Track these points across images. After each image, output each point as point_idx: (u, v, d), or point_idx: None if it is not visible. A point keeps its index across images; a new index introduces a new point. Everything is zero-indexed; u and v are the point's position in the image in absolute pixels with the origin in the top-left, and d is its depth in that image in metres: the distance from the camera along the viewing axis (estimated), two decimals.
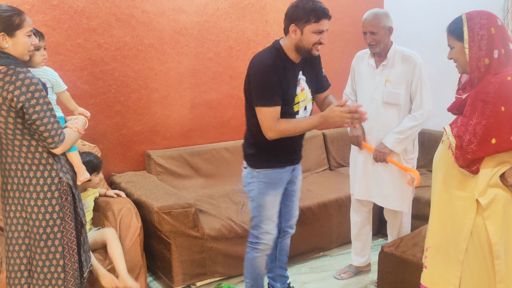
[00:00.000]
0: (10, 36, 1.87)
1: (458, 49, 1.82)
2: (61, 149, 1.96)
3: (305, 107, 2.31)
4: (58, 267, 2.02)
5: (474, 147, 1.69)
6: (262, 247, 2.41)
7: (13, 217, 2.00)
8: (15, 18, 1.87)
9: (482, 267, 1.77)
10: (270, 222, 2.38)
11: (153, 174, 3.37)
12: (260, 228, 2.39)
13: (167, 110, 3.53)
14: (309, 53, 2.19)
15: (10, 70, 1.84)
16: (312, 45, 2.16)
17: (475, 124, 1.70)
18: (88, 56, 3.15)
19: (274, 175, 2.35)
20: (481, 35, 1.72)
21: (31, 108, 1.85)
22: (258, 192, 2.35)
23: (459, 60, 1.84)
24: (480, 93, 1.70)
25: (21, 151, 1.93)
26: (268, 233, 2.40)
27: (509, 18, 3.55)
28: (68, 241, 2.03)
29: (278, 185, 2.38)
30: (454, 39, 1.83)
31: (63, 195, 2.01)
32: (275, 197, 2.38)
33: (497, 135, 1.64)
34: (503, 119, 1.64)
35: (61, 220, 2.00)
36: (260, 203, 2.36)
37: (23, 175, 1.95)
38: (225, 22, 3.68)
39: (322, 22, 2.12)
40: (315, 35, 2.13)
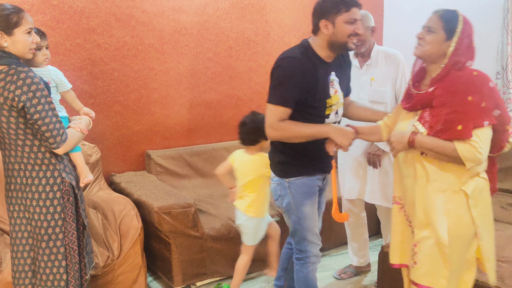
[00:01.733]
0: (8, 35, 1.85)
1: (438, 38, 1.82)
2: (63, 149, 1.95)
3: (337, 111, 2.17)
4: (61, 268, 2.01)
5: (442, 133, 1.77)
6: (312, 259, 2.28)
7: (17, 217, 2.00)
8: (13, 16, 1.84)
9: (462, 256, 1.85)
10: (313, 232, 2.25)
11: (153, 174, 3.37)
12: (306, 240, 2.25)
13: (167, 110, 3.52)
14: (346, 46, 2.04)
15: (12, 69, 1.83)
16: (347, 36, 2.01)
17: (446, 114, 1.77)
18: (88, 56, 3.14)
19: (307, 183, 2.20)
20: (466, 43, 1.84)
21: (32, 108, 1.83)
22: (296, 205, 2.20)
23: (432, 47, 1.83)
24: (450, 85, 1.79)
25: (24, 151, 1.92)
26: (314, 243, 2.26)
27: (509, 18, 3.55)
28: (69, 242, 2.03)
29: (313, 193, 2.23)
30: (441, 27, 1.82)
31: (65, 196, 2.00)
32: (313, 206, 2.23)
33: (463, 122, 1.73)
34: (469, 108, 1.73)
35: (63, 221, 2.00)
36: (300, 216, 2.21)
37: (26, 175, 1.94)
38: (225, 22, 3.68)
39: (354, 10, 1.99)
40: (349, 25, 2.00)
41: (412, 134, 1.82)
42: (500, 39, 3.61)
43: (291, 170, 2.19)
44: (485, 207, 1.87)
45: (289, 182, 2.19)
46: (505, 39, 3.57)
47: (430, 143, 1.78)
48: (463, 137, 1.73)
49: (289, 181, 2.19)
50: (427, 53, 1.84)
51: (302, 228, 2.23)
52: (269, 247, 2.81)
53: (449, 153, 1.75)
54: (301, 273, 2.30)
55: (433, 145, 1.77)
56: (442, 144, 1.75)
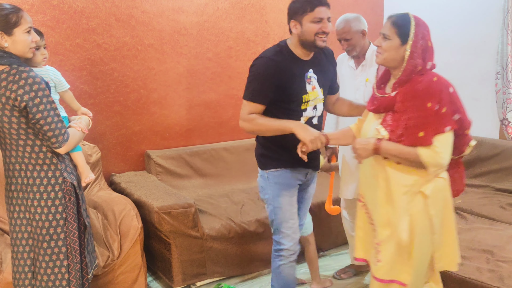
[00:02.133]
0: (8, 35, 1.84)
1: (393, 44, 1.85)
2: (65, 149, 1.95)
3: (315, 106, 2.25)
4: (62, 268, 2.01)
5: (404, 139, 1.81)
6: (285, 253, 2.33)
7: (17, 217, 1.99)
8: (12, 16, 1.84)
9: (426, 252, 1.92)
10: (289, 225, 2.31)
11: (153, 174, 3.37)
12: (280, 232, 2.32)
13: (166, 110, 3.52)
14: (314, 44, 2.13)
15: (13, 69, 1.82)
16: (313, 35, 2.11)
17: (406, 119, 1.81)
18: (87, 56, 3.14)
19: (285, 175, 2.29)
20: (421, 44, 1.84)
21: (34, 108, 1.83)
22: (272, 195, 2.30)
23: (390, 54, 1.86)
24: (410, 91, 1.82)
25: (25, 151, 1.92)
26: (288, 236, 2.32)
27: (509, 18, 3.54)
28: (71, 241, 2.02)
29: (291, 186, 2.31)
30: (395, 33, 1.85)
31: (67, 195, 2.00)
32: (290, 198, 2.31)
33: (424, 129, 1.78)
34: (429, 114, 1.77)
35: (64, 221, 1.99)
36: (276, 205, 2.30)
37: (27, 175, 1.94)
38: (224, 22, 3.68)
39: (318, 10, 2.08)
40: (314, 24, 2.09)
41: (377, 141, 1.86)
42: (500, 39, 3.61)
43: (270, 162, 2.30)
44: (444, 205, 1.93)
45: (268, 173, 2.30)
46: (505, 39, 3.57)
47: (394, 149, 1.83)
48: (424, 144, 1.78)
49: (268, 172, 2.30)
50: (387, 60, 1.89)
51: (277, 219, 2.31)
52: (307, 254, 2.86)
53: (412, 159, 1.81)
54: (275, 264, 2.38)
55: (397, 151, 1.83)
56: (406, 150, 1.81)
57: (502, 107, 3.65)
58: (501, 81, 3.63)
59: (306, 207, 2.53)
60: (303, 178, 2.36)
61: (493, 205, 3.14)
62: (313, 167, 2.38)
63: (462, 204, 3.16)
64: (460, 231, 2.71)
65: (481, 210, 3.04)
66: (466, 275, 2.20)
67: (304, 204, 2.50)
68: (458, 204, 3.20)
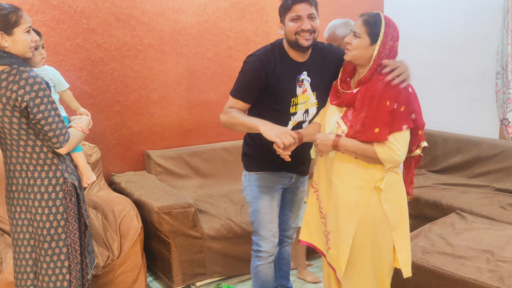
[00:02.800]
0: (8, 35, 1.84)
1: (363, 43, 1.87)
2: (66, 149, 1.94)
3: (307, 110, 2.16)
4: (63, 268, 2.00)
5: (360, 135, 1.86)
6: (263, 254, 2.33)
7: (19, 218, 1.99)
8: (12, 15, 1.83)
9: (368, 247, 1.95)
10: (268, 228, 2.29)
11: (153, 174, 3.37)
12: (259, 234, 2.32)
13: (166, 110, 3.52)
14: (298, 43, 2.05)
15: (14, 69, 1.82)
16: (293, 34, 2.04)
17: (364, 116, 1.85)
18: (88, 56, 3.14)
19: (266, 178, 2.26)
20: (389, 45, 1.87)
21: (35, 108, 1.83)
22: (252, 196, 2.29)
23: (358, 52, 1.88)
24: (370, 89, 1.86)
25: (26, 152, 1.92)
26: (267, 239, 2.31)
27: (509, 18, 3.54)
28: (71, 242, 2.02)
29: (272, 189, 2.27)
30: (365, 32, 1.86)
31: (67, 196, 1.99)
32: (270, 202, 2.28)
33: (379, 126, 1.82)
34: (386, 112, 1.81)
35: (65, 221, 1.99)
36: (255, 208, 2.29)
37: (28, 175, 1.93)
38: (224, 22, 3.68)
39: (295, 8, 2.02)
40: (293, 23, 2.03)
41: (336, 137, 1.90)
42: (500, 39, 3.61)
43: (253, 163, 2.29)
44: (398, 200, 1.96)
45: (250, 175, 2.29)
46: (505, 39, 3.57)
47: (352, 145, 1.87)
48: (379, 140, 1.83)
49: (250, 174, 2.29)
50: (355, 57, 1.90)
51: (256, 221, 2.30)
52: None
53: (369, 155, 1.86)
54: (252, 263, 2.38)
55: (355, 147, 1.87)
56: (363, 147, 1.86)
57: (502, 107, 3.65)
58: (501, 81, 3.63)
59: (297, 210, 2.47)
60: (287, 182, 2.32)
61: (493, 205, 3.14)
62: (298, 172, 2.33)
63: (462, 204, 3.16)
64: (460, 231, 2.71)
65: (481, 210, 3.04)
66: (466, 275, 2.20)
67: (295, 207, 2.45)
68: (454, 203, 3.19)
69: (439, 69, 4.15)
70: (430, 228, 2.75)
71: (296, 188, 2.40)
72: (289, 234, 2.51)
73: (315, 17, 2.05)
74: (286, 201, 2.41)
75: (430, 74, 4.19)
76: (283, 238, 2.49)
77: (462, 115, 4.02)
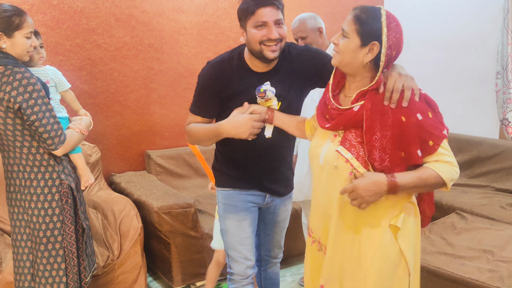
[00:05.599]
0: (8, 37, 1.83)
1: (352, 46, 1.46)
2: (61, 151, 1.92)
3: None
4: (60, 271, 1.99)
5: (388, 164, 1.45)
6: (235, 277, 2.04)
7: (17, 219, 1.98)
8: (15, 18, 1.82)
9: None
10: (237, 250, 2.00)
11: (153, 174, 3.37)
12: (228, 255, 2.04)
13: (166, 110, 3.52)
14: (262, 55, 1.72)
15: (8, 70, 1.80)
16: (258, 44, 1.71)
17: (380, 137, 1.44)
18: (88, 56, 3.14)
19: (234, 197, 1.98)
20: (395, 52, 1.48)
21: (29, 109, 1.80)
22: (220, 215, 2.03)
23: (346, 57, 1.48)
24: (377, 105, 1.46)
25: (22, 153, 1.90)
26: (237, 262, 2.01)
27: (509, 18, 3.54)
28: (68, 244, 2.00)
29: (240, 209, 1.97)
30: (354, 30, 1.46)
31: (64, 198, 1.97)
32: (238, 222, 1.98)
33: (404, 148, 1.45)
34: (405, 129, 1.43)
35: (61, 223, 1.97)
36: (223, 227, 2.02)
37: (25, 176, 1.92)
38: (224, 22, 3.68)
39: (260, 12, 1.68)
40: (257, 30, 1.70)
41: (391, 179, 1.43)
42: (500, 39, 3.61)
43: (221, 179, 2.02)
44: (412, 235, 1.57)
45: (217, 190, 2.05)
46: (505, 39, 3.57)
47: (412, 181, 1.44)
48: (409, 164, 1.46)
49: (217, 189, 2.05)
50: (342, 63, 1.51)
51: (225, 242, 2.04)
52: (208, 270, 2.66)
53: (432, 182, 1.46)
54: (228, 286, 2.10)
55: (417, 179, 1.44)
56: (423, 175, 1.45)
57: (502, 107, 3.65)
58: (501, 81, 3.63)
59: (280, 231, 2.17)
60: (260, 202, 2.01)
61: (493, 205, 3.14)
62: (271, 192, 2.00)
63: (462, 204, 3.16)
64: (460, 231, 2.71)
65: (481, 210, 3.04)
66: (466, 275, 2.20)
67: (277, 228, 2.15)
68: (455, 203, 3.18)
69: (439, 69, 4.15)
70: (430, 228, 2.75)
71: (275, 208, 2.08)
72: (273, 254, 2.22)
73: (283, 23, 1.74)
74: (267, 221, 2.13)
75: (430, 74, 4.19)
76: (268, 258, 2.24)
77: (462, 115, 4.02)
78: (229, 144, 1.90)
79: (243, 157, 1.93)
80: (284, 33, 1.74)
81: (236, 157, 1.94)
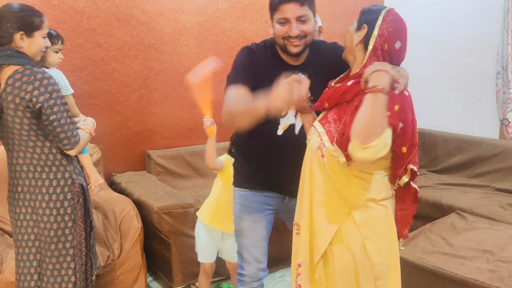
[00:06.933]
0: (28, 36, 1.85)
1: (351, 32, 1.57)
2: (76, 151, 1.95)
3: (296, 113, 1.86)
4: (69, 270, 2.00)
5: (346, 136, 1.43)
6: (245, 279, 2.05)
7: (24, 219, 1.97)
8: (35, 18, 1.86)
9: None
10: (249, 252, 2.01)
11: (153, 174, 3.37)
12: (241, 256, 2.05)
13: (167, 110, 3.53)
14: (286, 50, 1.75)
15: (27, 70, 1.82)
16: (281, 39, 1.73)
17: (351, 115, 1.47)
18: (88, 56, 3.15)
19: (250, 198, 1.99)
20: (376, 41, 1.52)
21: (49, 109, 1.82)
22: (235, 215, 2.05)
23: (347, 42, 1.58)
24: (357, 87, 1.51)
25: (35, 152, 1.91)
26: (249, 263, 2.02)
27: (509, 18, 3.54)
28: (77, 243, 2.02)
29: (255, 211, 1.99)
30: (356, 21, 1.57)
31: (75, 197, 1.99)
32: (253, 224, 1.99)
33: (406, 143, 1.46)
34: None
35: (73, 222, 1.99)
36: (237, 228, 2.04)
37: (35, 176, 1.92)
38: (225, 22, 3.68)
39: (282, 8, 1.69)
40: (280, 26, 1.72)
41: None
42: (500, 39, 3.61)
43: (239, 179, 2.04)
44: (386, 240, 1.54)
45: (234, 190, 2.06)
46: (505, 39, 3.57)
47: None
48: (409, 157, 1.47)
49: (235, 190, 2.05)
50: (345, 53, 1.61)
51: (239, 243, 2.06)
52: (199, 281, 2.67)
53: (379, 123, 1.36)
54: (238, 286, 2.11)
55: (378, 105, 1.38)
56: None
57: (502, 107, 3.65)
58: (501, 81, 3.63)
59: None
60: (277, 204, 2.02)
61: (493, 205, 3.14)
62: (288, 193, 1.95)
63: (462, 204, 3.16)
64: (460, 231, 2.71)
65: (481, 210, 3.04)
66: (466, 275, 2.20)
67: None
68: None
69: (439, 69, 4.15)
70: (430, 228, 2.75)
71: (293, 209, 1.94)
72: None
73: (307, 19, 1.72)
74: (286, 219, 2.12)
75: (430, 74, 4.19)
76: None
77: (462, 115, 4.02)
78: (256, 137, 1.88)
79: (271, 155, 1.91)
80: (307, 29, 1.72)
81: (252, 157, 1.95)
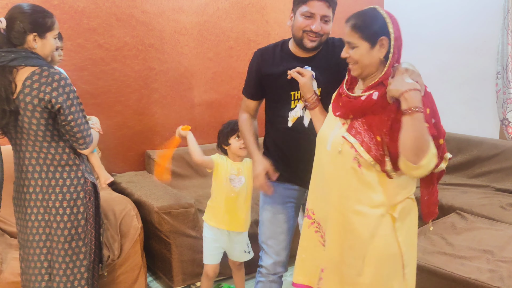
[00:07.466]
0: (41, 37, 1.87)
1: (363, 51, 1.55)
2: (89, 150, 1.97)
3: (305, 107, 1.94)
4: (82, 267, 2.01)
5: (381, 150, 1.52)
6: (262, 270, 2.12)
7: (35, 220, 1.95)
8: (48, 19, 1.88)
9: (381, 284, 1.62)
10: (268, 243, 2.08)
11: (153, 174, 3.37)
12: (261, 247, 2.13)
13: (167, 110, 3.53)
14: (302, 42, 1.85)
15: (44, 71, 1.82)
16: (301, 31, 1.83)
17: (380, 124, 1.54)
18: (89, 56, 3.15)
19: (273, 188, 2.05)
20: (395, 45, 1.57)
21: (67, 109, 1.84)
22: (260, 206, 2.15)
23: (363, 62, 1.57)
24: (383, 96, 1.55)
25: (48, 153, 1.91)
26: (267, 254, 2.09)
27: (509, 18, 3.55)
28: (89, 241, 2.04)
29: (277, 203, 2.06)
30: (359, 38, 1.55)
31: (88, 195, 2.00)
32: (274, 215, 2.07)
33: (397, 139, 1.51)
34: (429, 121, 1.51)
35: (85, 221, 2.00)
36: (260, 218, 2.14)
37: (48, 176, 1.92)
38: (225, 22, 3.68)
39: (311, 3, 1.79)
40: (304, 18, 1.82)
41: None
42: (500, 39, 3.61)
43: None
44: (411, 230, 1.66)
45: None
46: (505, 39, 3.57)
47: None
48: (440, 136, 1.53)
49: None
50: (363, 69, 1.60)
51: (260, 232, 2.15)
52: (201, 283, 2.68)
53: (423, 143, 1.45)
54: (256, 278, 2.18)
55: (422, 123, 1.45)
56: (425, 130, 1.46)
57: (502, 107, 3.65)
58: (501, 81, 3.63)
59: None
60: (299, 197, 2.08)
61: (493, 205, 3.14)
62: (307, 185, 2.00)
63: (462, 204, 3.16)
64: (460, 231, 2.71)
65: (481, 210, 3.04)
66: (466, 275, 2.20)
67: None
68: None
69: (439, 69, 4.15)
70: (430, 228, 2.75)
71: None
72: None
73: (329, 20, 1.85)
74: None
75: (431, 74, 4.18)
76: None
77: (462, 115, 4.02)
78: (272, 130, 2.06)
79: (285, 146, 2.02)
80: (327, 30, 1.86)
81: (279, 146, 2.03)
